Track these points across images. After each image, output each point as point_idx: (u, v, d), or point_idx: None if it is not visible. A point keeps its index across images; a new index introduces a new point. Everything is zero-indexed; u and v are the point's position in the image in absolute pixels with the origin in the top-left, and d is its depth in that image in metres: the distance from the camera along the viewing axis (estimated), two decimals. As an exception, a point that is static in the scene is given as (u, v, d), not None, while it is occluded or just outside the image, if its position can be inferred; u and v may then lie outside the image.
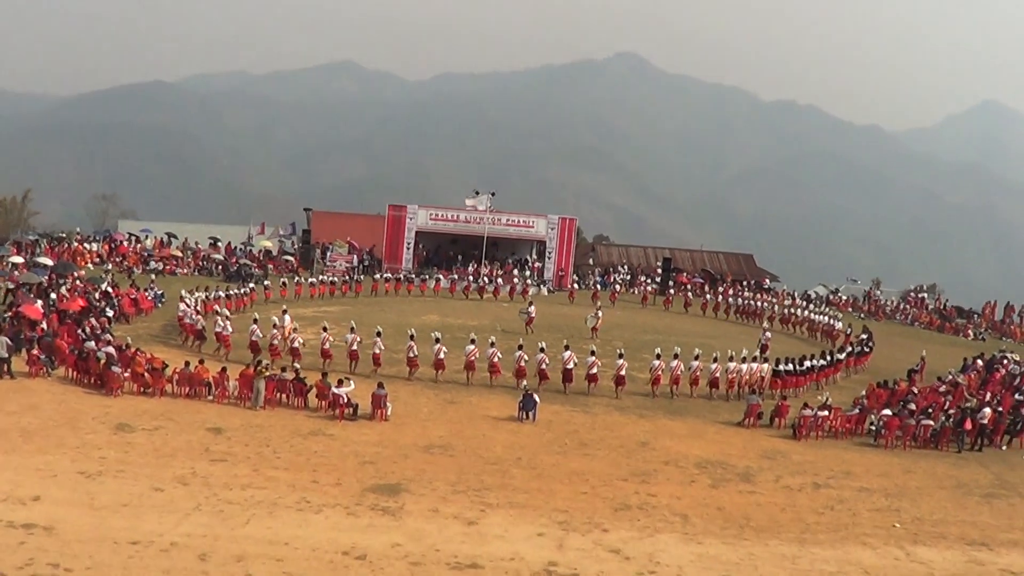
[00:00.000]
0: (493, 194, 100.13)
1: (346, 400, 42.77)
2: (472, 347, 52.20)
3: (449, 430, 42.18)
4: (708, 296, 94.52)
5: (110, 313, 60.80)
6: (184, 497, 31.14)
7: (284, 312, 60.46)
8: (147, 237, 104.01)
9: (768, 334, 65.74)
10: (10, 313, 55.38)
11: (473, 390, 50.34)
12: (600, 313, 70.72)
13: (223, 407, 43.94)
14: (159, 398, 44.65)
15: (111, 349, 47.24)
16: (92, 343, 48.57)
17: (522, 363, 51.36)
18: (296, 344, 54.02)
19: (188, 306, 61.46)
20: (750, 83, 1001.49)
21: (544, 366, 51.16)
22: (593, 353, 52.55)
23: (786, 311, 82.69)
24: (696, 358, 52.92)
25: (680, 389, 52.37)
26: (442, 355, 52.01)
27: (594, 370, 51.33)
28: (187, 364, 45.69)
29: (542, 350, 51.98)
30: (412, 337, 52.94)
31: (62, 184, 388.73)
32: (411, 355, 52.10)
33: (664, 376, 51.87)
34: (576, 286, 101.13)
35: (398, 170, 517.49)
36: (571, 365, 51.43)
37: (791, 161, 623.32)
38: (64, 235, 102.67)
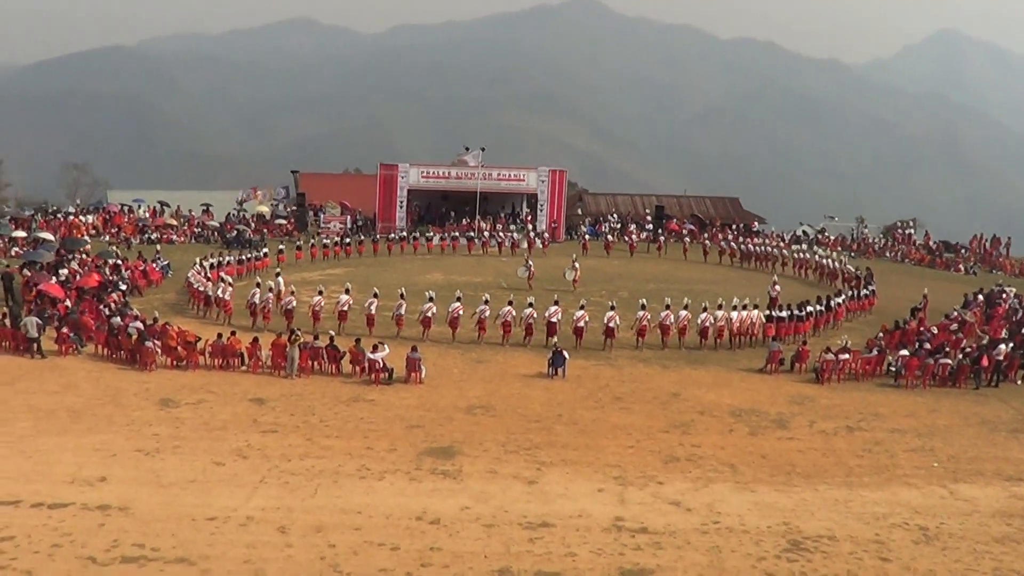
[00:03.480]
0: (483, 149, 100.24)
1: (382, 365, 43.18)
2: (484, 307, 52.44)
3: (485, 390, 42.72)
4: (709, 242, 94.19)
5: (123, 287, 60.92)
6: (247, 471, 31.67)
7: (278, 275, 61.04)
8: (140, 207, 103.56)
9: (778, 287, 65.30)
10: (33, 293, 55.61)
11: (497, 349, 50.73)
12: (578, 265, 70.15)
13: (259, 377, 44.37)
14: (194, 371, 45.07)
15: (139, 324, 47.58)
16: (118, 319, 48.86)
17: (531, 320, 51.75)
18: (291, 307, 54.30)
19: (199, 273, 61.99)
20: (707, 22, 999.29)
21: (531, 321, 51.61)
22: (583, 307, 52.93)
23: (800, 255, 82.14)
24: (685, 307, 53.11)
25: (669, 340, 52.60)
26: (459, 314, 52.37)
27: (581, 323, 51.59)
28: (219, 336, 46.01)
29: (530, 305, 52.42)
30: (431, 299, 53.38)
31: (24, 154, 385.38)
32: (428, 315, 52.51)
33: (650, 327, 52.16)
34: (568, 236, 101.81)
35: (358, 125, 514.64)
36: (555, 319, 51.44)
37: (750, 99, 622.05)
38: (56, 208, 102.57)
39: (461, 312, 52.47)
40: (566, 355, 45.48)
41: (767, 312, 54.49)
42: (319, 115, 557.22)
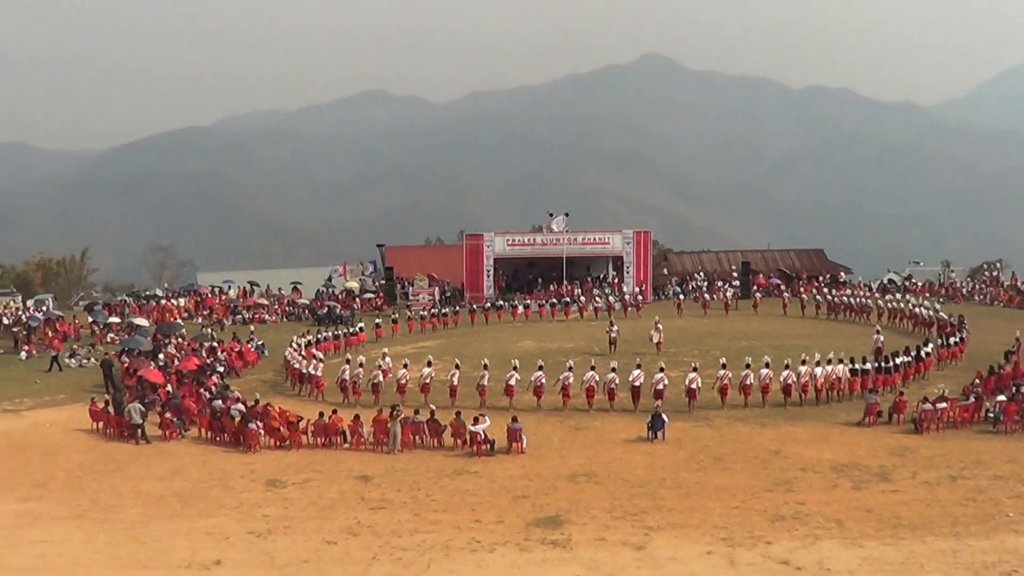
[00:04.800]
0: (567, 215, 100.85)
1: (483, 436, 43.47)
2: (568, 373, 52.42)
3: (587, 456, 42.77)
4: (791, 296, 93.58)
5: (220, 369, 61.68)
6: (359, 548, 31.87)
7: (384, 356, 60.51)
8: (230, 288, 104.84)
9: (881, 337, 64.72)
10: (133, 379, 56.50)
11: (595, 415, 50.68)
12: (661, 326, 69.77)
13: (362, 454, 44.79)
14: (297, 451, 45.66)
15: (241, 406, 48.22)
16: (220, 401, 49.50)
17: (613, 385, 51.79)
18: (378, 381, 55.47)
19: (295, 351, 62.80)
20: (778, 72, 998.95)
21: (614, 386, 51.62)
22: (662, 369, 52.82)
23: (893, 305, 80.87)
24: (766, 365, 52.95)
25: (751, 400, 52.15)
26: (566, 381, 52.04)
27: (660, 386, 51.41)
28: (321, 415, 46.48)
29: (613, 370, 52.48)
30: (515, 368, 53.41)
31: (108, 238, 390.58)
32: (511, 383, 52.61)
33: (732, 387, 51.92)
34: (656, 297, 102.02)
35: (437, 194, 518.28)
36: (638, 383, 51.67)
37: (826, 146, 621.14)
38: (148, 292, 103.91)
39: (544, 380, 52.53)
40: (665, 418, 45.54)
41: (852, 366, 53.70)
42: (397, 186, 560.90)
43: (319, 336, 71.99)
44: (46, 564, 31.25)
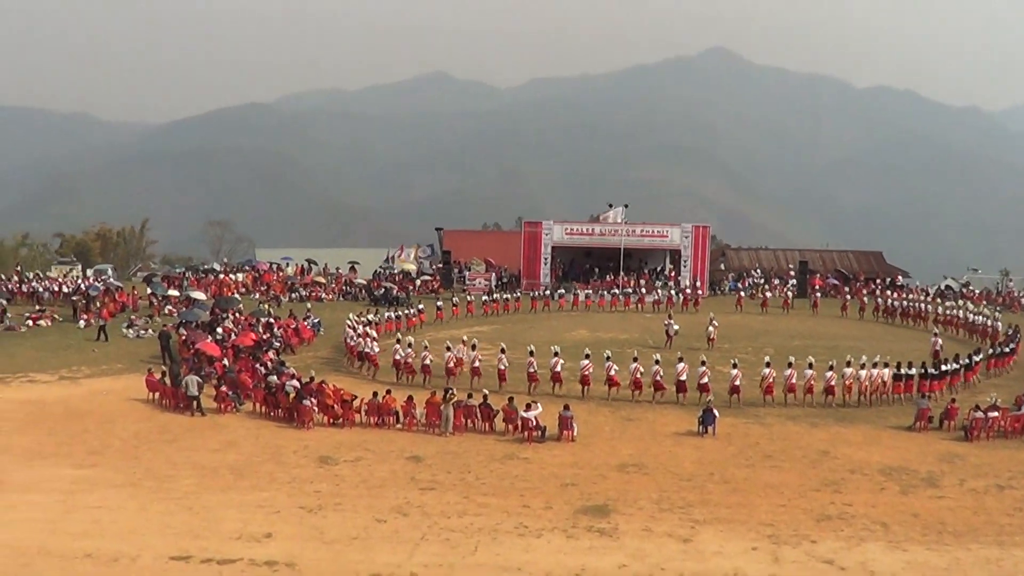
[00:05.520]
0: (626, 206, 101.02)
1: (535, 423, 43.78)
2: (635, 364, 52.98)
3: (636, 448, 42.98)
4: (868, 298, 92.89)
5: (276, 345, 62.24)
6: (408, 527, 32.24)
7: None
8: (288, 264, 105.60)
9: (939, 340, 64.62)
10: (190, 351, 57.03)
11: (647, 407, 50.91)
12: (716, 323, 70.12)
13: (414, 435, 45.08)
14: (350, 429, 46.10)
15: (296, 382, 48.66)
16: (275, 377, 49.94)
17: (659, 377, 51.79)
18: (427, 362, 56.19)
19: (353, 330, 63.29)
20: (843, 71, 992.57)
21: (659, 378, 51.73)
22: (703, 364, 53.06)
23: (951, 312, 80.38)
24: (810, 366, 52.89)
25: (795, 400, 52.14)
26: (613, 371, 52.68)
27: (704, 380, 51.83)
28: (375, 395, 46.95)
29: (657, 362, 52.49)
30: (557, 354, 54.27)
31: (167, 211, 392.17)
32: (557, 370, 53.42)
33: (777, 386, 52.12)
34: (712, 292, 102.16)
35: (494, 179, 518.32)
36: (683, 377, 51.80)
37: (888, 148, 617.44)
38: (206, 266, 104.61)
39: (591, 370, 52.95)
40: (716, 413, 45.73)
41: (896, 371, 53.44)
42: (455, 169, 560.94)
43: (379, 316, 72.62)
44: (101, 530, 31.73)
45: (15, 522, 32.37)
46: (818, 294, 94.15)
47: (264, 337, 62.95)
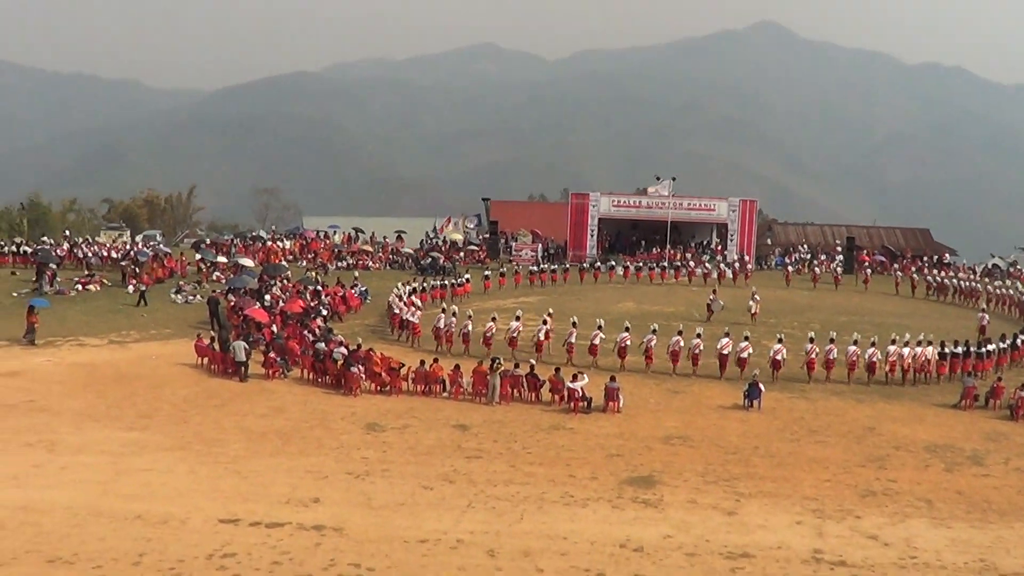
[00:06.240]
0: (674, 179, 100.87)
1: (581, 394, 43.96)
2: (652, 336, 53.32)
3: (681, 420, 43.19)
4: (916, 275, 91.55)
5: (324, 313, 62.52)
6: (454, 495, 32.49)
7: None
8: (335, 233, 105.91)
9: (987, 316, 64.45)
10: (238, 318, 57.41)
11: (693, 380, 51.05)
12: (759, 297, 69.87)
13: (461, 404, 45.43)
14: (397, 396, 46.37)
15: (343, 349, 48.95)
16: (323, 344, 50.26)
17: (698, 351, 51.92)
18: (467, 331, 56.46)
19: (399, 299, 63.55)
20: (894, 46, 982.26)
21: (698, 351, 51.79)
22: (746, 338, 53.17)
23: (1002, 291, 79.67)
24: (854, 342, 52.74)
25: (833, 375, 51.84)
26: (652, 345, 52.71)
27: (745, 355, 52.03)
28: (422, 363, 47.21)
29: (698, 336, 52.72)
30: (600, 327, 54.57)
31: (214, 178, 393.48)
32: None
33: (818, 361, 51.84)
34: (758, 266, 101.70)
35: (542, 151, 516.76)
36: (726, 351, 52.01)
37: (938, 126, 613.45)
38: (254, 233, 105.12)
39: (629, 342, 53.07)
40: (762, 387, 45.78)
41: (941, 349, 53.20)
42: (503, 141, 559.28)
43: (425, 285, 72.97)
44: (151, 492, 32.03)
45: (68, 483, 32.72)
46: (868, 270, 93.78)
47: (312, 304, 63.20)
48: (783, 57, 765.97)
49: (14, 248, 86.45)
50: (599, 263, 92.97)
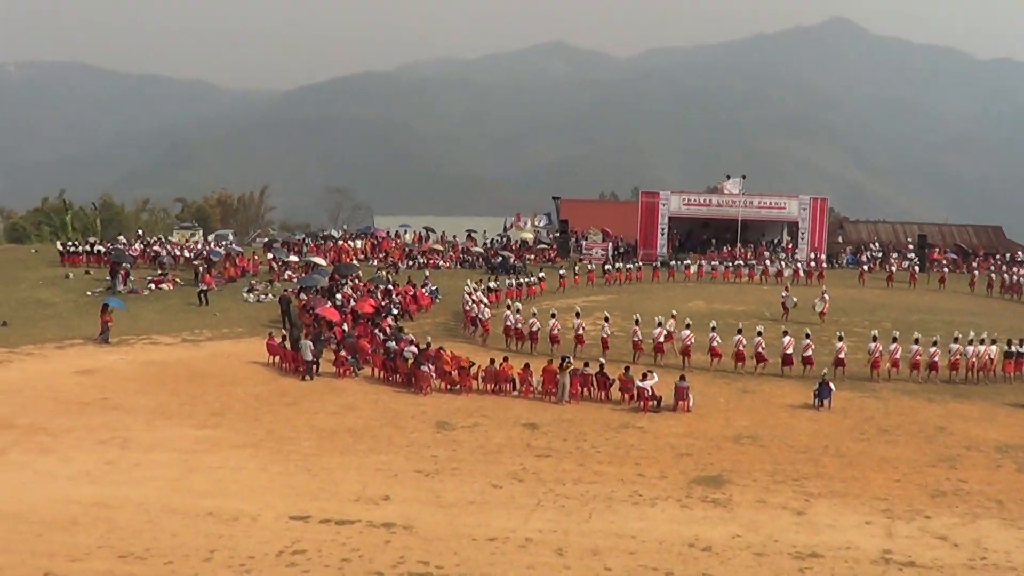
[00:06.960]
0: (744, 177, 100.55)
1: (650, 393, 43.93)
2: (713, 334, 53.19)
3: (752, 420, 43.11)
4: (994, 275, 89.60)
5: (395, 312, 62.78)
6: (523, 494, 32.62)
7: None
8: (406, 232, 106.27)
9: None
10: (309, 316, 57.80)
11: (762, 379, 50.96)
12: (827, 296, 69.16)
13: (530, 402, 45.60)
14: (467, 395, 46.61)
15: (414, 348, 49.14)
16: (393, 343, 50.49)
17: (760, 349, 51.95)
18: (535, 329, 56.70)
19: (469, 296, 64.07)
20: (964, 42, 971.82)
21: (761, 350, 51.71)
22: (808, 336, 53.09)
23: None
24: (916, 341, 52.32)
25: (899, 373, 51.61)
26: (716, 343, 52.78)
27: (809, 352, 51.95)
28: (492, 361, 47.33)
29: (759, 334, 52.63)
30: (660, 324, 54.33)
31: (286, 178, 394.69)
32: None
33: (883, 360, 51.55)
34: (829, 265, 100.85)
35: (612, 148, 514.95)
36: (789, 350, 51.71)
37: (1009, 122, 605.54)
38: (327, 232, 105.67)
39: (693, 340, 53.23)
40: (832, 387, 45.61)
41: (1007, 348, 52.65)
42: (572, 138, 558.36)
43: (499, 283, 73.59)
44: (222, 489, 32.46)
45: (141, 480, 33.19)
46: (945, 269, 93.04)
47: (383, 303, 63.48)
48: (854, 53, 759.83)
49: (88, 247, 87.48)
50: (670, 261, 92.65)
